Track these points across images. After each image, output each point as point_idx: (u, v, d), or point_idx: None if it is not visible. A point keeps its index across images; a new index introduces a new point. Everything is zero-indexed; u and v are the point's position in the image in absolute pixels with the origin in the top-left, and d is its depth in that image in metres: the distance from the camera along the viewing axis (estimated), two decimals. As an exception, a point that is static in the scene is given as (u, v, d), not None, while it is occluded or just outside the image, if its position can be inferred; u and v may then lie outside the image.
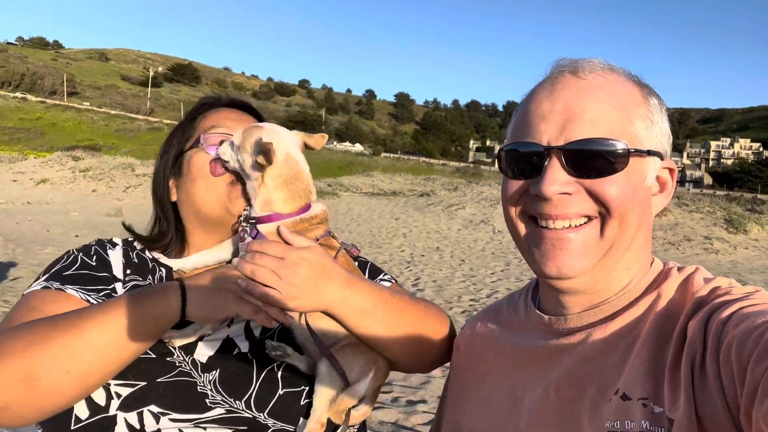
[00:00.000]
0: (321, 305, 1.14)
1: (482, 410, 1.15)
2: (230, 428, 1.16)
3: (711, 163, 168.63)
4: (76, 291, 1.21)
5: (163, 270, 1.38)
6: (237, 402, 1.17)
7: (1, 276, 9.35)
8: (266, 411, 1.18)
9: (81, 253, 1.32)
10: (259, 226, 1.25)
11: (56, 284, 1.21)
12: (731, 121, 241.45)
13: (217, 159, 1.32)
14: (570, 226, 0.97)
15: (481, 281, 11.41)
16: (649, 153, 0.97)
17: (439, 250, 15.50)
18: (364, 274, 1.48)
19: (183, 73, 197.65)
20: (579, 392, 0.95)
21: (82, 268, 1.28)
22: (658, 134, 0.99)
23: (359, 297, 1.17)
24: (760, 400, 0.67)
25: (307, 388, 1.23)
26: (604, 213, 0.96)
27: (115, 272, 1.31)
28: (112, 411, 1.11)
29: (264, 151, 1.21)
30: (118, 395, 1.12)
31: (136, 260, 1.37)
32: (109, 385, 1.12)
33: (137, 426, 1.11)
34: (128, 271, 1.32)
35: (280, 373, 1.23)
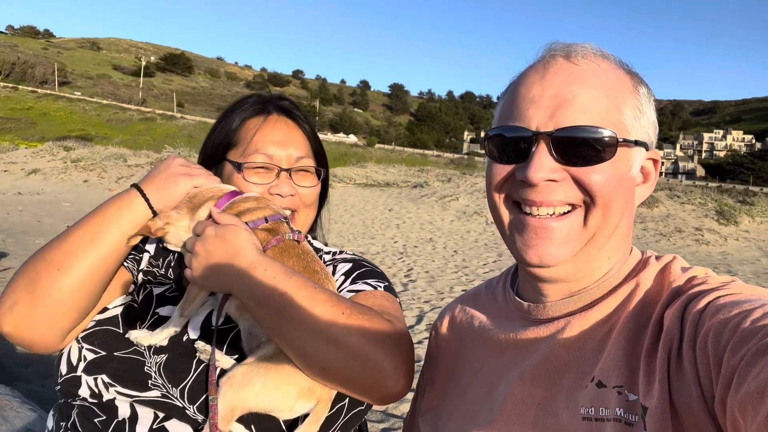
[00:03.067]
0: (223, 286, 1.15)
1: (460, 398, 1.15)
2: (162, 413, 1.19)
3: (704, 155, 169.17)
4: None
5: (175, 254, 1.44)
6: (173, 389, 1.19)
7: (-8, 267, 9.29)
8: (196, 405, 1.18)
9: None
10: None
11: None
12: (724, 113, 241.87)
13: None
14: (554, 214, 0.96)
15: (473, 272, 11.45)
16: (636, 143, 0.97)
17: (432, 242, 15.53)
18: (349, 275, 1.41)
19: (175, 62, 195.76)
20: (556, 379, 0.96)
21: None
22: (646, 124, 0.99)
23: (255, 281, 1.09)
24: (735, 389, 0.68)
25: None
26: (588, 202, 0.95)
27: (147, 247, 1.44)
28: (78, 372, 1.22)
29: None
30: (85, 359, 1.23)
31: (162, 246, 1.47)
32: (82, 346, 1.24)
33: (96, 390, 1.21)
34: (153, 254, 1.44)
35: (218, 371, 1.20)
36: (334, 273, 1.42)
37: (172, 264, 1.44)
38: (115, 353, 1.23)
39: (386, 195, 24.22)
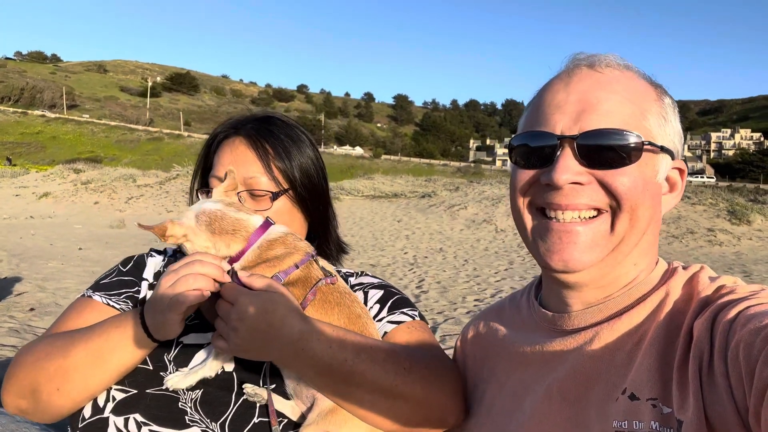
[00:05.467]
0: (270, 359, 1.13)
1: (485, 412, 1.14)
2: None
3: (712, 154, 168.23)
4: (101, 297, 1.35)
5: None
6: (213, 423, 1.18)
7: (6, 291, 9.35)
8: None
9: (120, 264, 1.46)
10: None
11: (89, 292, 1.37)
12: (731, 112, 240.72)
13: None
14: (579, 218, 0.95)
15: (485, 281, 11.39)
16: (662, 149, 0.97)
17: (442, 251, 15.49)
18: (383, 303, 1.39)
19: (181, 82, 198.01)
20: (585, 392, 0.94)
21: (115, 276, 1.42)
22: (671, 133, 1.00)
23: (311, 355, 1.08)
24: None
25: (285, 420, 1.21)
26: (615, 206, 0.95)
27: (145, 275, 1.42)
28: (106, 413, 1.20)
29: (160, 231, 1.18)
30: (114, 399, 1.20)
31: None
32: (110, 388, 1.22)
33: (124, 431, 1.18)
34: (155, 279, 1.41)
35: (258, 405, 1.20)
36: (366, 301, 1.41)
37: None
38: (147, 390, 1.20)
39: (394, 206, 24.23)
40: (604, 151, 0.93)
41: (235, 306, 1.06)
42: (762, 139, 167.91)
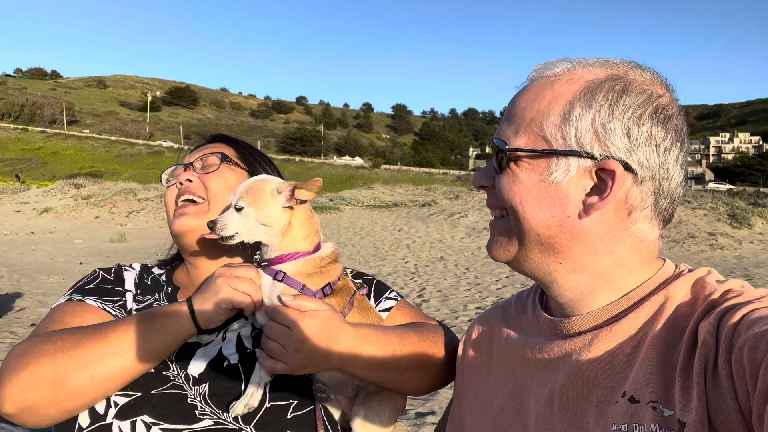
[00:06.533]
0: (330, 368, 1.22)
1: (485, 409, 1.16)
2: None
3: (711, 158, 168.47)
4: (95, 301, 1.36)
5: (170, 288, 1.48)
6: (225, 414, 1.21)
7: (8, 307, 9.35)
8: (252, 423, 1.22)
9: (102, 271, 1.48)
10: (283, 267, 1.26)
11: (78, 296, 1.37)
12: (729, 116, 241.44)
13: (216, 236, 1.29)
14: (494, 216, 1.09)
15: (486, 288, 11.37)
16: (549, 152, 0.96)
17: (443, 260, 15.48)
18: (369, 293, 1.50)
19: (181, 96, 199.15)
20: (584, 394, 0.95)
21: (101, 283, 1.43)
22: (582, 131, 0.95)
23: (367, 356, 1.21)
24: None
25: (295, 401, 1.27)
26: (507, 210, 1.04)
27: (127, 287, 1.45)
28: (109, 419, 1.18)
29: (303, 188, 1.27)
30: (116, 404, 1.20)
31: (148, 282, 1.49)
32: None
33: None
34: (138, 291, 1.45)
35: (268, 386, 1.26)
36: None
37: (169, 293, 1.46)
38: (152, 392, 1.21)
39: (395, 215, 24.25)
40: (494, 158, 1.05)
41: (295, 330, 1.15)
42: (761, 142, 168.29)
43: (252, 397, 1.22)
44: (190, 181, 1.47)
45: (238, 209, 1.27)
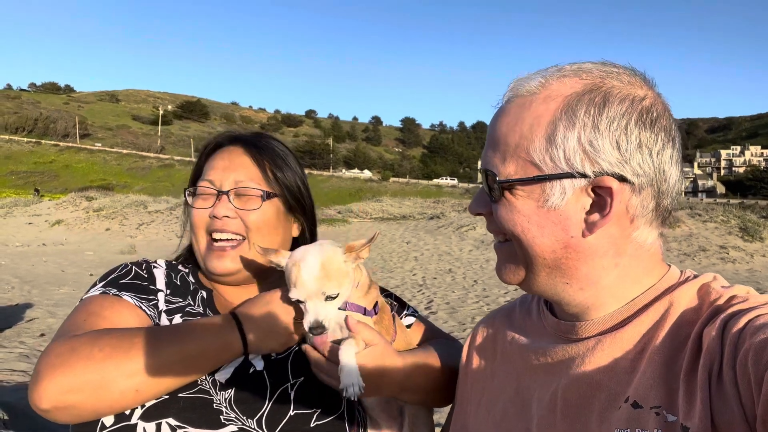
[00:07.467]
0: (379, 396, 1.35)
1: (487, 411, 1.15)
2: None
3: (722, 172, 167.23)
4: (131, 297, 1.31)
5: (204, 292, 1.45)
6: (249, 420, 1.22)
7: (18, 317, 9.41)
8: (277, 430, 1.23)
9: (134, 266, 1.44)
10: (349, 313, 1.30)
11: (113, 290, 1.32)
12: (740, 129, 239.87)
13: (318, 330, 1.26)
14: (496, 241, 1.09)
15: (494, 301, 11.31)
16: (538, 179, 0.95)
17: (452, 272, 15.42)
18: (391, 311, 1.49)
19: (192, 110, 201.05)
20: (587, 399, 0.94)
21: (135, 279, 1.39)
22: (570, 151, 0.93)
23: (415, 384, 1.30)
24: None
25: (319, 410, 1.28)
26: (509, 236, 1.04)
27: (159, 286, 1.41)
28: (134, 420, 1.17)
29: (364, 248, 1.33)
30: (142, 405, 1.18)
31: (177, 282, 1.45)
32: None
33: None
34: (168, 291, 1.41)
35: (292, 394, 1.27)
36: None
37: (204, 301, 1.44)
38: (179, 395, 1.20)
39: (403, 228, 24.23)
40: (486, 187, 1.04)
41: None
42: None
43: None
44: (233, 218, 1.42)
45: (332, 297, 1.25)
